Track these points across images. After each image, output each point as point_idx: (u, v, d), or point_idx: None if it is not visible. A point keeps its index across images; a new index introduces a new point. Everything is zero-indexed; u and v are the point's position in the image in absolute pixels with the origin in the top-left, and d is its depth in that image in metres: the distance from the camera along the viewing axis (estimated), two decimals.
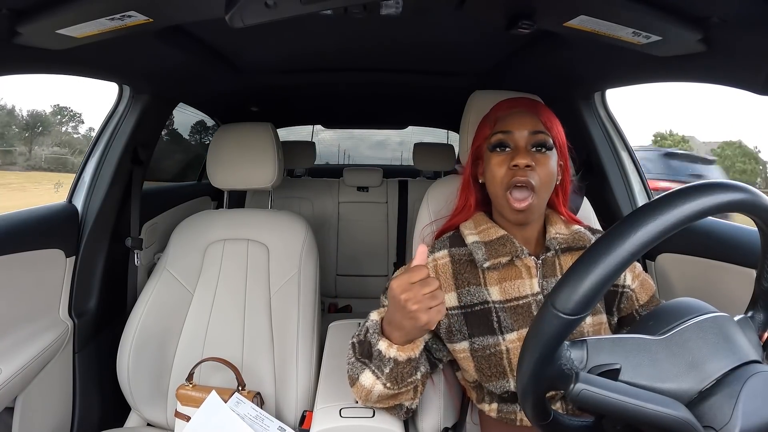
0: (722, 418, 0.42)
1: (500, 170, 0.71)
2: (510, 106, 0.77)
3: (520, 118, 0.73)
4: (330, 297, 2.15)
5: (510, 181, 0.70)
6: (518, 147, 0.72)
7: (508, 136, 0.72)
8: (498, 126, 0.74)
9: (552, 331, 0.42)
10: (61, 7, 0.63)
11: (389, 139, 4.11)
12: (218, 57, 1.16)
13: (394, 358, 0.64)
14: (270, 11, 0.60)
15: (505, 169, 0.71)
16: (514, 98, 0.80)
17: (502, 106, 0.77)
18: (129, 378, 1.03)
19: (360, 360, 0.69)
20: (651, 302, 0.78)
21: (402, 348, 0.64)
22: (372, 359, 0.66)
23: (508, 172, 0.70)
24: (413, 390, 0.71)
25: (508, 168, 0.70)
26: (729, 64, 0.71)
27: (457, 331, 0.73)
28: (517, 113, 0.74)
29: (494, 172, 0.72)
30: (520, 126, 0.72)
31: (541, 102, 0.80)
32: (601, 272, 0.40)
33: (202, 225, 1.21)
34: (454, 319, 0.73)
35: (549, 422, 0.49)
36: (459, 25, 0.96)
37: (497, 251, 0.72)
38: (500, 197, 0.72)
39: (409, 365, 0.65)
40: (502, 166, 0.71)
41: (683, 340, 0.47)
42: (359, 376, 0.69)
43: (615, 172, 1.23)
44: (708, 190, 0.41)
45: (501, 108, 0.77)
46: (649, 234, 0.39)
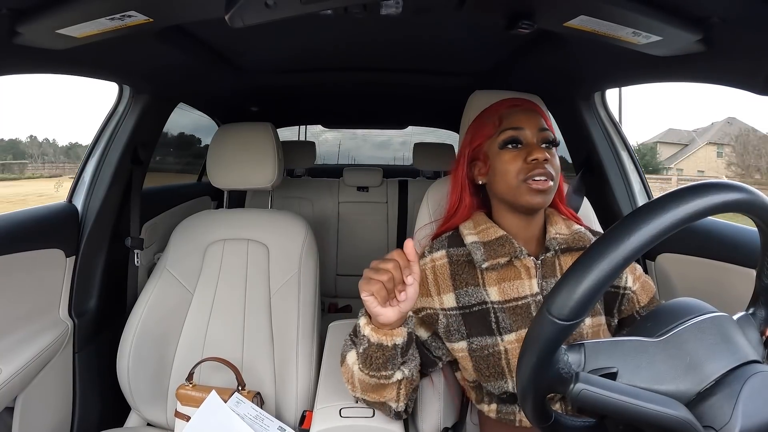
0: (722, 418, 0.42)
1: (515, 165, 0.71)
2: (512, 104, 0.77)
3: (527, 116, 0.74)
4: (330, 297, 2.15)
5: (528, 174, 0.70)
6: (531, 143, 0.72)
7: (520, 133, 0.72)
8: (506, 123, 0.74)
9: (548, 337, 0.42)
10: (61, 7, 0.63)
11: (392, 139, 4.11)
12: (218, 57, 1.16)
13: (367, 337, 0.63)
14: (270, 11, 0.60)
15: (520, 164, 0.71)
16: (514, 98, 0.80)
17: (504, 104, 0.77)
18: (129, 378, 1.03)
19: (350, 338, 0.72)
20: (651, 303, 0.78)
21: (376, 330, 0.63)
22: (357, 336, 0.67)
23: (524, 166, 0.71)
24: (396, 390, 0.69)
25: (524, 162, 0.71)
26: (729, 64, 0.71)
27: (455, 331, 0.73)
28: (522, 110, 0.75)
29: (507, 168, 0.72)
30: (529, 120, 0.73)
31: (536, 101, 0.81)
32: (596, 277, 0.40)
33: (202, 225, 1.21)
34: (452, 319, 0.73)
35: (550, 424, 0.49)
36: (459, 25, 0.96)
37: (496, 251, 0.72)
38: (515, 187, 0.71)
39: (380, 351, 0.63)
40: (517, 161, 0.71)
41: (681, 342, 0.47)
42: (347, 354, 0.70)
43: (615, 172, 1.23)
44: (707, 190, 0.41)
45: (503, 106, 0.77)
46: (646, 237, 0.39)
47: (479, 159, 0.78)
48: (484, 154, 0.77)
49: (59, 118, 58.93)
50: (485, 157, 0.76)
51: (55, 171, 18.04)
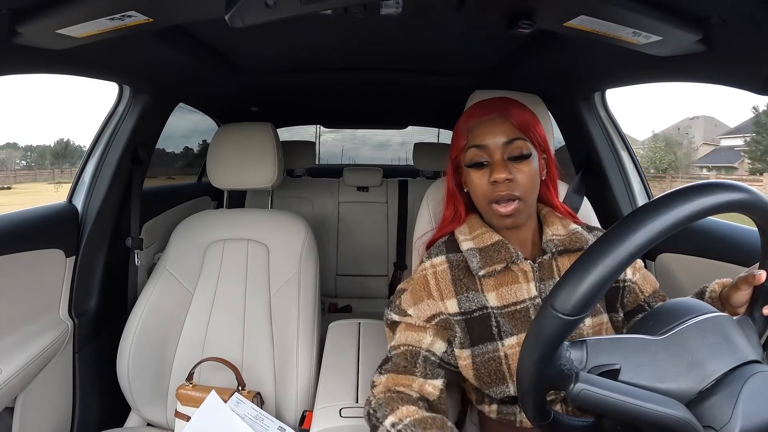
0: (722, 418, 0.42)
1: (481, 184, 0.71)
2: (480, 113, 0.73)
3: (493, 127, 0.71)
4: (330, 297, 2.15)
5: (492, 196, 0.69)
6: (495, 160, 0.70)
7: (483, 151, 0.71)
8: (471, 139, 0.72)
9: (551, 332, 0.42)
10: (61, 7, 0.63)
11: (391, 140, 4.12)
12: (218, 57, 1.16)
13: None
14: (270, 11, 0.60)
15: (485, 183, 0.70)
16: (484, 102, 0.75)
17: (473, 114, 0.74)
18: (129, 378, 1.03)
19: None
20: (656, 294, 0.77)
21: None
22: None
23: (489, 187, 0.70)
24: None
25: (488, 183, 0.70)
26: (729, 64, 0.71)
27: (461, 338, 0.72)
28: (488, 121, 0.71)
29: (475, 186, 0.72)
30: (494, 136, 0.70)
31: (512, 100, 0.75)
32: (600, 272, 0.40)
33: (202, 225, 1.21)
34: (459, 325, 0.72)
35: (549, 422, 0.50)
36: (459, 25, 0.96)
37: (492, 258, 0.71)
38: (485, 209, 0.72)
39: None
40: (482, 180, 0.71)
41: (683, 340, 0.47)
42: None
43: (615, 172, 1.23)
44: (708, 190, 0.41)
45: (472, 116, 0.74)
46: (648, 234, 0.39)
47: (461, 167, 0.77)
48: (461, 164, 0.76)
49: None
50: (462, 167, 0.76)
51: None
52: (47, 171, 19.37)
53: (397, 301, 0.74)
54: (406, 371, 0.67)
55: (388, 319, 0.75)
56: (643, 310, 0.76)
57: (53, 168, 18.60)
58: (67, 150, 20.74)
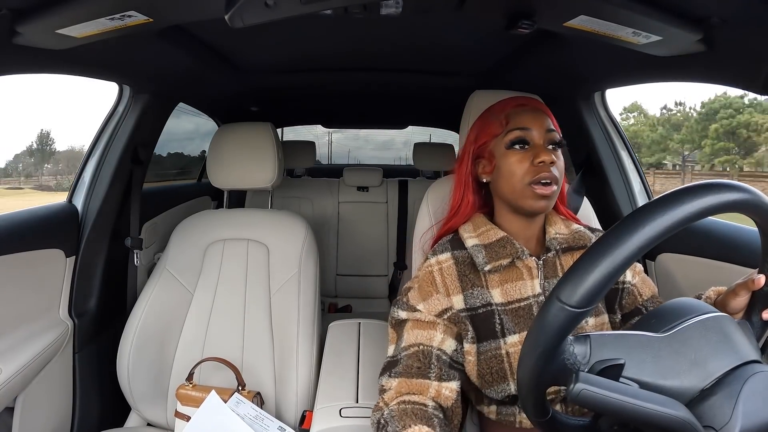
0: (722, 418, 0.42)
1: (521, 167, 0.71)
2: (520, 103, 0.76)
3: (535, 116, 0.73)
4: (330, 297, 2.15)
5: (534, 177, 0.69)
6: (538, 144, 0.71)
7: (527, 133, 0.72)
8: (513, 123, 0.73)
9: (557, 324, 0.42)
10: (61, 7, 0.63)
11: (394, 140, 4.13)
12: (218, 57, 1.16)
13: None
14: (270, 11, 0.60)
15: (527, 166, 0.70)
16: (520, 96, 0.79)
17: (512, 103, 0.76)
18: (129, 378, 1.03)
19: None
20: (654, 299, 0.78)
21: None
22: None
23: (531, 168, 0.70)
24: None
25: (531, 165, 0.70)
26: (729, 64, 0.71)
27: (467, 334, 0.72)
28: (530, 110, 0.74)
29: (514, 168, 0.71)
30: (537, 124, 0.72)
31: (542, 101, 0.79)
32: (607, 266, 0.40)
33: (202, 225, 1.21)
34: (466, 321, 0.71)
35: (547, 419, 0.50)
36: (459, 25, 0.96)
37: (498, 253, 0.71)
38: (519, 190, 0.71)
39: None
40: (523, 163, 0.71)
41: (686, 338, 0.47)
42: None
43: (615, 172, 1.23)
44: (709, 189, 0.41)
45: (510, 105, 0.76)
46: (656, 230, 0.40)
47: (484, 157, 0.77)
48: (489, 153, 0.76)
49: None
50: (491, 156, 0.75)
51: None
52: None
53: (405, 298, 0.74)
54: (420, 374, 0.65)
55: (394, 318, 0.74)
56: (640, 314, 0.76)
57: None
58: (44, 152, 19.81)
